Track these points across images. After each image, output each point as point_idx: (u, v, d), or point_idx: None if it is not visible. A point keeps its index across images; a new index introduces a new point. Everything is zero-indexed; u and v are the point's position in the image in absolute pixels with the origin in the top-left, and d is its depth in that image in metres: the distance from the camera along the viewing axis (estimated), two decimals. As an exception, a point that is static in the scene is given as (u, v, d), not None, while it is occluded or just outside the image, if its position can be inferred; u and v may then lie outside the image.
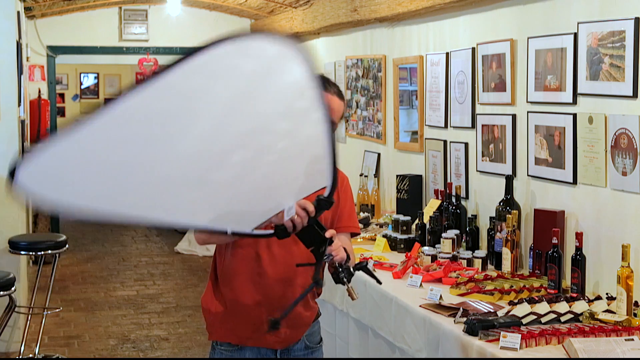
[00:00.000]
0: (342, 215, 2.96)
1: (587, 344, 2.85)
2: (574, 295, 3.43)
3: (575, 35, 3.71)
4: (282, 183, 2.49)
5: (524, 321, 3.12)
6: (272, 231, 2.53)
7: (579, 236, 3.47)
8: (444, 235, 4.32)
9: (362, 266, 2.70)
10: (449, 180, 4.86)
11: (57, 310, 6.63)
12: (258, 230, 2.49)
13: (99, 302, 7.28)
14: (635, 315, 3.14)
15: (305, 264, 2.67)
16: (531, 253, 3.90)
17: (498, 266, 4.07)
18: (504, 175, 4.23)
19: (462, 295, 3.65)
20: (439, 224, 4.53)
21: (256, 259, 2.85)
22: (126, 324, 6.61)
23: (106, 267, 8.68)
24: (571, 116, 3.76)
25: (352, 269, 2.63)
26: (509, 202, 4.13)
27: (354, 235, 3.05)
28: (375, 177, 5.94)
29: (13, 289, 4.99)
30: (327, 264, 2.65)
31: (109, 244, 9.91)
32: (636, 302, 3.21)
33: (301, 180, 2.51)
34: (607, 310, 3.18)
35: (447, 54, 4.93)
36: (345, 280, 2.60)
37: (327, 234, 2.57)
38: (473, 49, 4.63)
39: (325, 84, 2.86)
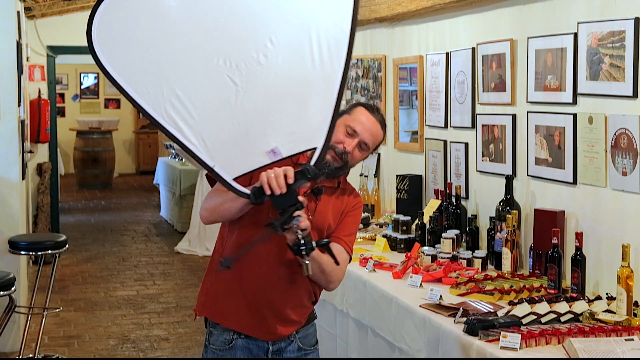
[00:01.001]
0: (342, 228, 2.92)
1: (587, 344, 2.85)
2: (574, 295, 3.43)
3: (575, 35, 3.71)
4: (278, 123, 2.59)
5: (524, 321, 3.12)
6: (248, 191, 2.56)
7: (579, 236, 3.48)
8: (444, 235, 4.32)
9: (323, 243, 2.68)
10: (449, 180, 4.86)
11: (57, 310, 6.63)
12: (237, 183, 2.57)
13: (99, 302, 7.28)
14: (635, 315, 3.14)
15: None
16: (531, 253, 3.90)
17: (498, 266, 4.08)
18: (504, 175, 4.23)
19: (462, 295, 3.65)
20: (439, 224, 4.53)
21: (255, 249, 2.83)
22: (126, 324, 6.61)
23: (106, 267, 8.68)
24: (571, 116, 3.76)
25: (313, 243, 2.60)
26: (509, 202, 4.13)
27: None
28: (375, 177, 5.94)
29: (13, 289, 4.99)
30: (288, 235, 2.62)
31: (109, 244, 9.91)
32: (636, 302, 3.21)
33: (292, 129, 2.60)
34: (607, 310, 3.18)
35: (447, 54, 4.93)
36: (304, 252, 2.57)
37: (300, 199, 2.56)
38: (473, 49, 4.63)
39: (374, 109, 2.91)
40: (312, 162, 2.60)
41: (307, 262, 2.61)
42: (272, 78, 2.58)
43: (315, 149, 2.62)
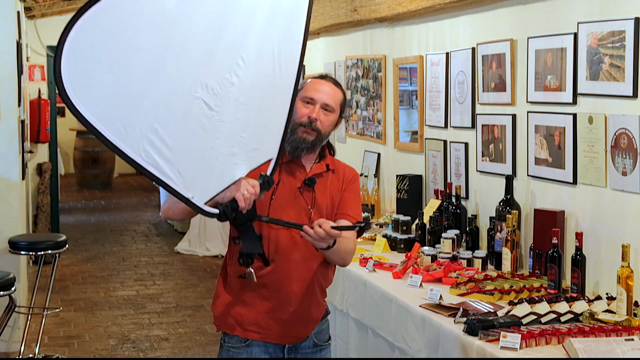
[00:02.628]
0: (345, 204, 2.96)
1: (587, 344, 2.85)
2: (574, 295, 3.43)
3: (575, 35, 3.71)
4: (244, 142, 2.64)
5: (524, 321, 3.12)
6: (217, 211, 2.60)
7: (579, 236, 3.48)
8: (444, 235, 4.32)
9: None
10: (449, 180, 4.86)
11: (57, 310, 6.63)
12: (207, 207, 2.58)
13: (99, 302, 7.28)
14: (635, 315, 3.14)
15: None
16: (531, 253, 3.90)
17: (498, 266, 4.08)
18: (504, 175, 4.23)
19: (462, 295, 3.65)
20: (439, 224, 4.53)
21: (270, 256, 2.85)
22: (126, 324, 6.61)
23: (106, 267, 8.68)
24: (571, 116, 3.76)
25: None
26: (509, 202, 4.13)
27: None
28: (375, 177, 5.94)
29: (13, 289, 4.99)
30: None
31: (109, 244, 9.91)
32: (636, 302, 3.21)
33: (254, 145, 2.67)
34: (607, 310, 3.18)
35: (447, 54, 4.93)
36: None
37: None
38: (473, 49, 4.63)
39: (322, 76, 2.98)
40: (269, 172, 2.73)
41: (252, 270, 2.73)
42: (242, 97, 2.60)
43: (271, 159, 2.76)
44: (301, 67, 2.81)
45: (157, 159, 2.42)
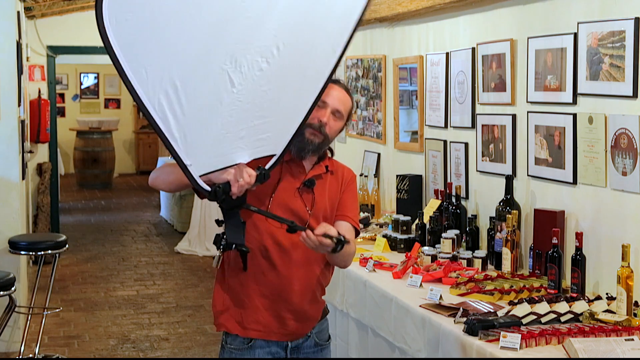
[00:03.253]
0: (344, 206, 2.98)
1: (587, 344, 2.85)
2: (574, 295, 3.43)
3: (575, 35, 3.71)
4: (254, 129, 2.62)
5: (524, 321, 3.12)
6: (209, 188, 2.60)
7: (579, 236, 3.47)
8: (444, 235, 4.32)
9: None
10: (449, 180, 4.86)
11: (57, 310, 6.63)
12: (201, 180, 2.57)
13: (99, 302, 7.28)
14: (635, 315, 3.14)
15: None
16: (531, 253, 3.90)
17: (498, 266, 4.07)
18: (504, 175, 4.23)
19: (462, 295, 3.65)
20: (439, 224, 4.53)
21: (263, 252, 2.85)
22: (126, 324, 6.61)
23: (106, 267, 8.68)
24: (571, 116, 3.76)
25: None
26: (509, 202, 4.13)
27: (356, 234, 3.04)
28: (375, 177, 5.94)
29: (13, 289, 4.99)
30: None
31: (109, 244, 9.91)
32: (636, 302, 3.21)
33: (262, 136, 2.66)
34: (607, 310, 3.18)
35: (447, 54, 4.93)
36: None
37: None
38: (473, 49, 4.63)
39: (334, 81, 2.93)
40: (268, 167, 2.73)
41: (221, 255, 2.77)
42: (266, 85, 2.59)
43: (274, 155, 2.75)
44: (332, 76, 2.76)
45: (168, 114, 2.41)
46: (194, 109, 2.45)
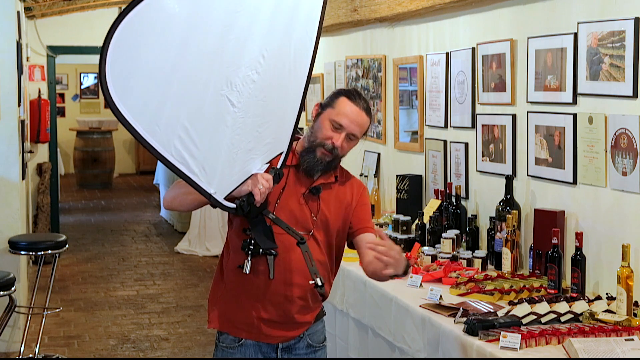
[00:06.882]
0: (364, 219, 2.99)
1: (587, 344, 2.85)
2: (574, 295, 3.43)
3: (575, 35, 3.71)
4: (260, 136, 2.68)
5: (524, 321, 3.12)
6: (234, 205, 2.67)
7: (579, 236, 3.48)
8: (444, 235, 4.32)
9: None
10: (449, 180, 4.86)
11: (57, 310, 6.63)
12: (226, 201, 2.64)
13: (99, 302, 7.28)
14: (635, 315, 3.14)
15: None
16: (531, 253, 3.90)
17: (498, 266, 4.08)
18: (504, 175, 4.23)
19: (462, 295, 3.65)
20: (439, 224, 4.53)
21: (261, 258, 2.84)
22: (126, 324, 6.61)
23: (106, 267, 8.68)
24: (571, 116, 3.76)
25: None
26: (509, 202, 4.13)
27: None
28: (375, 177, 5.94)
29: (13, 289, 4.99)
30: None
31: (109, 244, 9.91)
32: (636, 302, 3.21)
33: (268, 139, 2.72)
34: (607, 310, 3.18)
35: (447, 54, 4.93)
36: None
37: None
38: (473, 49, 4.63)
39: (356, 97, 2.92)
40: (279, 165, 2.79)
41: (250, 260, 2.76)
42: (261, 93, 2.65)
43: (282, 153, 2.81)
44: (313, 64, 2.88)
45: (186, 156, 2.48)
46: (206, 141, 2.53)
